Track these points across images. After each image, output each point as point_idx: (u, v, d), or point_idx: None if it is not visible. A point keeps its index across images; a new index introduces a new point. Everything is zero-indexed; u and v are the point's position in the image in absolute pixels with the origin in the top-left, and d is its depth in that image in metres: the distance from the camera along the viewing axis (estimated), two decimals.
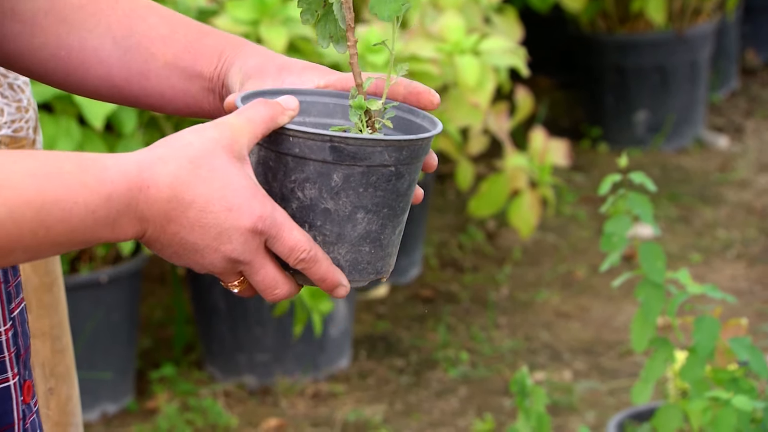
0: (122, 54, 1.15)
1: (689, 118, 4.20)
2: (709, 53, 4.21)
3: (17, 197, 0.94)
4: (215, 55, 1.14)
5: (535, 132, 3.20)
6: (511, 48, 3.00)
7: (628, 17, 4.17)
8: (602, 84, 4.21)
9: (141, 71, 1.15)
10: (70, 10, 1.16)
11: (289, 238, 1.02)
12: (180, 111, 1.16)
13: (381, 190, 1.06)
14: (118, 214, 0.98)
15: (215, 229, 0.99)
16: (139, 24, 1.14)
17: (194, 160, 0.99)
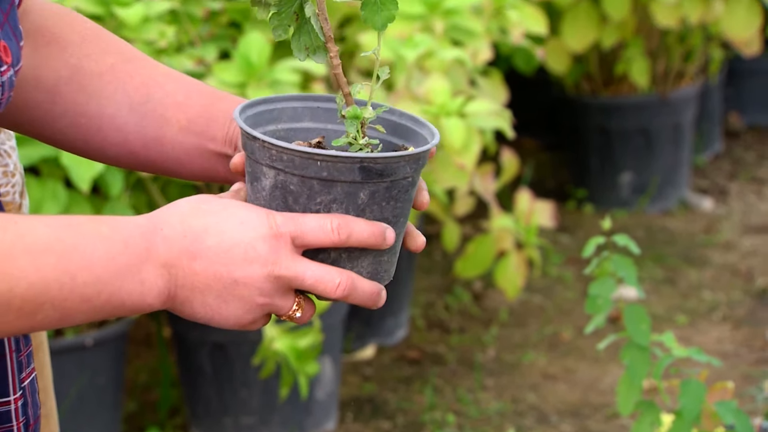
0: (139, 120, 1.16)
1: (674, 180, 4.22)
2: (692, 116, 4.24)
3: (38, 244, 0.94)
4: (227, 118, 1.16)
5: (521, 193, 3.21)
6: (497, 110, 3.02)
7: (612, 80, 4.20)
8: (587, 146, 4.23)
9: (156, 137, 1.16)
10: (89, 78, 1.17)
11: (310, 221, 1.01)
12: (196, 176, 1.18)
13: (400, 201, 1.08)
14: (139, 260, 0.98)
15: (239, 247, 0.99)
16: (156, 91, 1.16)
17: (191, 201, 1.01)
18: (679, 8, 3.90)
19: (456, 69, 3.03)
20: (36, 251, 0.94)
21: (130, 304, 0.98)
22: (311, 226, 1.01)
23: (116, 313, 0.98)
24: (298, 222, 1.01)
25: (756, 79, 4.83)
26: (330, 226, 1.02)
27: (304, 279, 1.01)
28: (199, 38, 2.83)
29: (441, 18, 3.02)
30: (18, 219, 0.95)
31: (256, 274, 1.00)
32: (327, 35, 1.10)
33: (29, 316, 0.94)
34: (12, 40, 1.05)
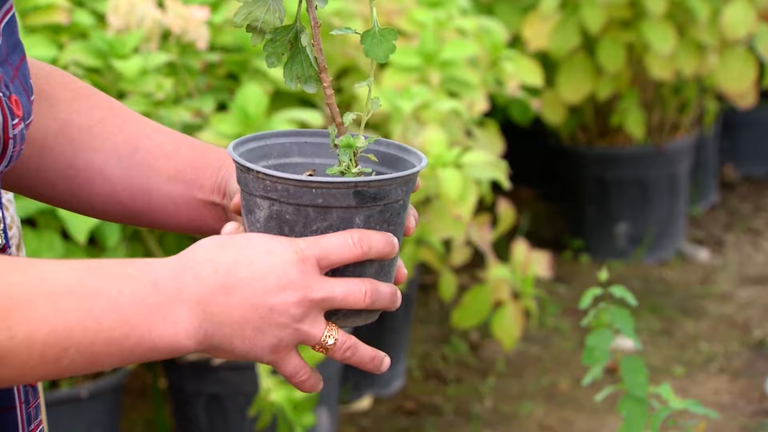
0: (127, 171, 1.17)
1: (670, 231, 4.22)
2: (688, 167, 4.25)
3: (59, 288, 0.93)
4: (215, 168, 1.17)
5: (517, 243, 3.21)
6: (493, 161, 3.03)
7: (608, 131, 4.21)
8: (583, 196, 4.23)
9: (144, 187, 1.17)
10: (78, 131, 1.17)
11: (331, 241, 1.03)
12: (183, 226, 1.18)
13: (393, 224, 1.09)
14: (171, 301, 0.97)
15: (271, 274, 1.00)
16: (144, 142, 1.17)
17: (213, 239, 1.02)
18: (674, 61, 3.93)
19: (452, 120, 3.04)
20: (57, 295, 0.92)
21: (162, 346, 0.97)
22: (333, 244, 1.03)
23: (149, 357, 0.97)
24: (320, 244, 1.03)
25: (751, 131, 4.85)
26: (351, 241, 1.03)
27: (334, 296, 1.02)
28: (197, 90, 2.84)
29: (437, 70, 3.03)
30: (39, 263, 0.94)
31: (291, 299, 1.00)
32: (321, 65, 1.11)
33: (54, 362, 0.93)
34: (23, 94, 1.05)
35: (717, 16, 3.91)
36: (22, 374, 0.92)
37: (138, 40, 2.70)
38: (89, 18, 2.78)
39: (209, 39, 2.82)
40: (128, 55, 2.67)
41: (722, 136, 4.74)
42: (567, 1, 3.89)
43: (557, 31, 3.88)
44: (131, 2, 2.77)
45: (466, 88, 3.07)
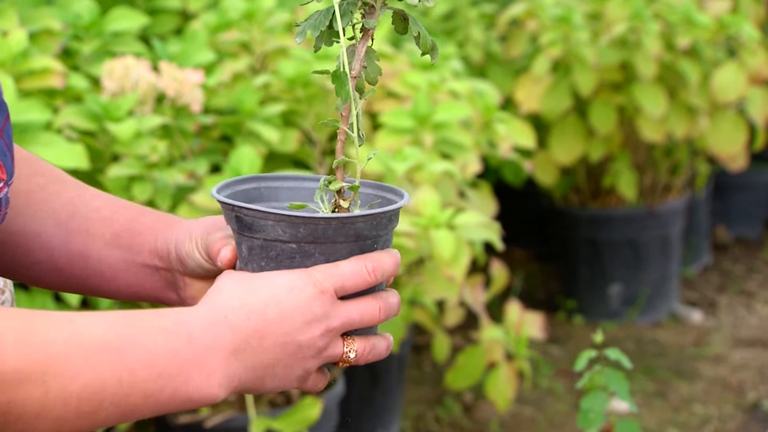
0: (64, 236, 1.17)
1: (663, 292, 4.21)
2: (680, 229, 4.25)
3: (94, 342, 0.94)
4: (152, 231, 1.17)
5: (510, 304, 3.20)
6: (486, 222, 3.02)
7: (600, 192, 4.22)
8: (576, 257, 4.23)
9: (81, 252, 1.16)
10: (17, 197, 1.17)
11: (346, 270, 1.05)
12: (121, 292, 1.17)
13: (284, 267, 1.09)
14: (206, 352, 0.98)
15: (297, 311, 1.02)
16: (82, 207, 1.17)
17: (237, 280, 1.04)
18: (665, 123, 3.95)
19: (445, 181, 3.04)
20: (91, 349, 0.93)
21: (198, 397, 0.97)
22: (349, 274, 1.06)
23: (184, 407, 0.98)
24: (336, 274, 1.05)
25: (742, 193, 4.86)
26: (365, 270, 1.06)
27: (352, 320, 1.06)
28: (191, 152, 2.84)
29: (430, 131, 3.04)
30: (74, 317, 0.95)
31: (316, 333, 1.03)
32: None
33: (90, 415, 0.93)
34: (7, 156, 1.06)
35: (707, 79, 3.94)
36: (59, 428, 0.93)
37: (132, 103, 2.70)
38: (84, 82, 2.79)
39: (203, 102, 2.83)
40: (122, 118, 2.68)
41: (714, 198, 4.75)
42: (558, 64, 3.92)
43: (549, 94, 3.90)
44: (126, 66, 2.78)
45: (459, 149, 3.07)
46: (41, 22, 2.87)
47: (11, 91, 2.61)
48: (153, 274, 1.16)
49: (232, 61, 3.03)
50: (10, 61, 2.70)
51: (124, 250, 1.16)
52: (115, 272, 1.16)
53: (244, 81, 2.98)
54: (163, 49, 2.97)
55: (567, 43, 3.84)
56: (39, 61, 2.73)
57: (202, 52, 2.96)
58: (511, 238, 3.47)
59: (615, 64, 3.90)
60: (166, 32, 3.22)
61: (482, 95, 3.30)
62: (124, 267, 1.16)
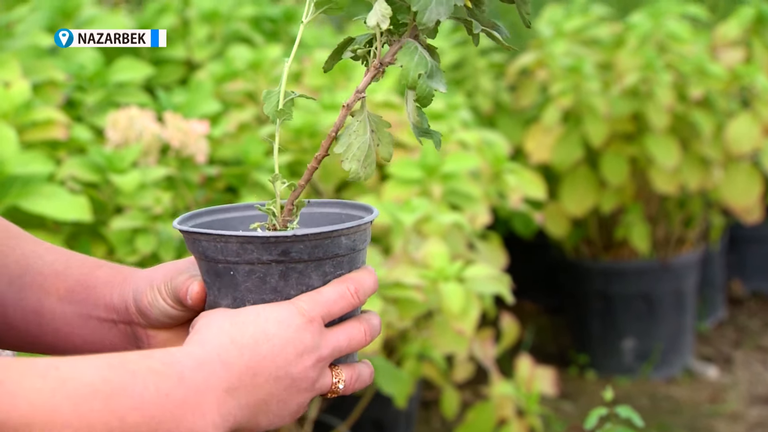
0: (17, 293, 1.15)
1: (677, 347, 4.16)
2: (694, 282, 4.21)
3: (82, 389, 0.91)
4: (107, 286, 1.15)
5: (521, 359, 3.16)
6: (496, 275, 2.99)
7: (613, 244, 4.19)
8: (588, 310, 4.19)
9: (35, 309, 1.14)
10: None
11: (330, 295, 1.05)
12: (78, 348, 1.15)
13: (260, 293, 1.09)
14: (198, 392, 0.95)
15: (288, 344, 1.01)
16: (35, 262, 1.16)
17: (223, 317, 1.02)
18: (678, 175, 3.91)
19: (454, 233, 3.01)
20: (79, 396, 0.91)
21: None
22: (334, 299, 1.06)
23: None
24: (321, 301, 1.05)
25: (758, 246, 4.82)
26: (349, 293, 1.07)
27: (341, 347, 1.06)
28: (195, 203, 2.82)
29: (439, 182, 3.01)
30: (60, 363, 0.92)
31: (308, 363, 1.03)
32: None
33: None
34: None
35: (721, 130, 3.91)
36: None
37: (136, 155, 2.68)
38: (88, 133, 2.78)
39: (208, 152, 2.81)
40: (126, 169, 2.66)
41: (729, 251, 4.71)
42: (569, 114, 3.90)
43: (560, 144, 3.88)
44: (130, 117, 2.76)
45: (468, 200, 3.05)
46: (45, 73, 2.86)
47: (13, 144, 2.59)
48: (111, 329, 1.14)
49: (238, 111, 3.01)
50: (12, 113, 2.69)
51: (79, 305, 1.14)
52: (71, 328, 1.14)
53: (250, 131, 2.96)
54: (167, 100, 2.96)
55: (578, 93, 3.83)
56: (42, 113, 2.72)
57: (208, 103, 2.95)
58: (521, 290, 3.43)
59: (627, 114, 3.89)
60: (171, 82, 3.21)
61: (492, 145, 3.28)
62: (80, 322, 1.14)
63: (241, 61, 3.07)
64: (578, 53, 3.93)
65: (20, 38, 2.87)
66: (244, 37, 3.41)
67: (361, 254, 1.11)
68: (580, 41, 4.03)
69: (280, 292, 1.07)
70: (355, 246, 1.09)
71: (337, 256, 1.08)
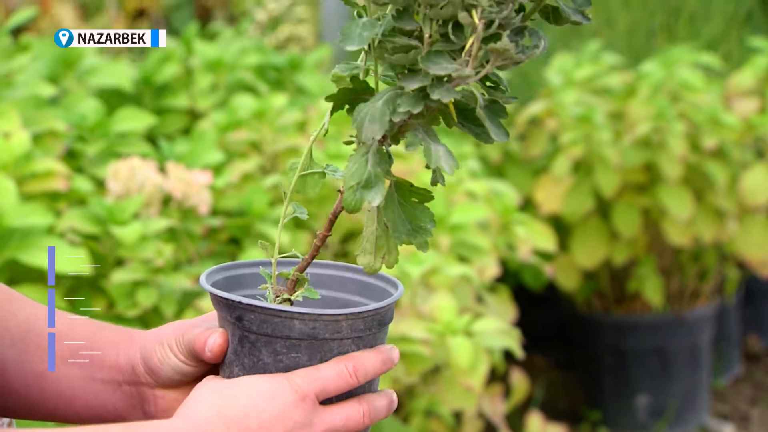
0: (19, 355, 1.13)
1: (692, 404, 4.09)
2: (709, 337, 4.14)
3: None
4: (112, 347, 1.14)
5: (531, 415, 3.11)
6: (505, 328, 2.93)
7: (625, 297, 4.13)
8: (600, 365, 4.12)
9: (38, 372, 1.14)
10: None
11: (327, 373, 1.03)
12: (81, 414, 1.13)
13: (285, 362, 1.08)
14: None
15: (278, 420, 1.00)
16: (37, 324, 1.14)
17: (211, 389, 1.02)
18: (692, 227, 3.86)
19: (462, 285, 2.96)
20: None
21: None
22: (330, 377, 1.04)
23: None
24: (317, 377, 1.04)
25: None
26: (347, 371, 1.05)
27: (336, 426, 1.04)
28: (198, 255, 2.77)
29: (447, 233, 2.97)
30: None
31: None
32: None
33: None
34: None
35: (736, 181, 3.87)
36: None
37: (137, 206, 2.65)
38: (88, 184, 2.75)
39: (211, 203, 2.77)
40: (127, 221, 2.63)
41: (745, 305, 4.64)
42: (580, 164, 3.86)
43: (570, 195, 3.83)
44: (132, 167, 2.73)
45: (476, 252, 3.00)
46: (45, 123, 2.83)
47: (13, 195, 2.55)
48: (115, 391, 1.14)
49: (242, 161, 2.96)
50: (12, 164, 2.66)
51: (83, 367, 1.14)
52: (74, 392, 1.14)
53: (254, 182, 2.92)
54: (170, 150, 2.92)
55: (588, 142, 3.79)
56: (42, 164, 2.69)
57: (211, 152, 2.91)
58: (531, 345, 3.36)
59: (639, 164, 3.84)
60: (173, 132, 3.18)
61: (500, 196, 3.24)
62: (84, 384, 1.14)
63: (245, 110, 3.04)
64: (589, 102, 3.89)
65: (21, 88, 2.84)
66: (249, 85, 3.38)
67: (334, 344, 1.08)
68: (591, 90, 3.99)
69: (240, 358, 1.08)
70: (315, 334, 1.06)
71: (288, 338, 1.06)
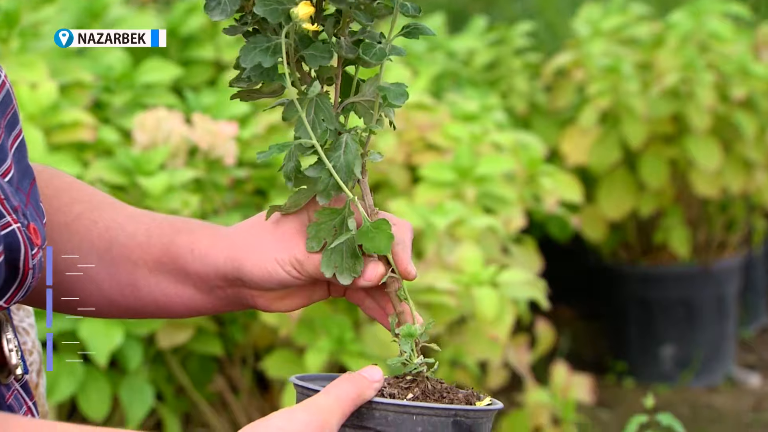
0: (108, 267, 1.15)
1: (719, 354, 4.09)
2: (737, 288, 4.14)
3: None
4: (193, 254, 1.13)
5: (557, 366, 3.13)
6: (531, 279, 2.94)
7: (651, 249, 4.13)
8: (626, 316, 4.13)
9: (130, 282, 1.15)
10: (58, 231, 1.16)
11: None
12: (181, 314, 1.15)
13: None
14: None
15: None
16: (118, 234, 1.15)
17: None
18: (720, 178, 3.85)
19: (488, 237, 2.96)
20: None
21: None
22: None
23: None
24: None
25: None
26: None
27: None
28: (224, 206, 2.78)
29: (472, 185, 2.97)
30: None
31: None
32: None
33: None
34: (38, 220, 1.05)
35: (764, 132, 3.85)
36: None
37: (164, 157, 2.66)
38: (115, 135, 2.76)
39: (237, 154, 2.78)
40: (154, 171, 2.64)
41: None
42: (607, 115, 3.84)
43: (597, 146, 3.82)
44: (158, 118, 2.73)
45: (502, 204, 3.00)
46: (72, 75, 2.84)
47: (40, 145, 2.57)
48: (209, 294, 1.14)
49: (268, 112, 2.96)
50: (39, 115, 2.68)
51: (170, 275, 1.14)
52: (168, 298, 1.14)
53: (279, 133, 2.92)
54: (196, 101, 2.92)
55: (616, 93, 3.77)
56: (69, 114, 2.70)
57: (236, 104, 2.91)
58: (557, 296, 3.37)
59: (666, 115, 3.82)
60: (199, 83, 3.18)
61: (526, 147, 3.23)
62: (175, 291, 1.14)
63: None
64: (616, 53, 3.86)
65: (47, 39, 2.84)
66: None
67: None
68: (618, 41, 3.96)
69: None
70: None
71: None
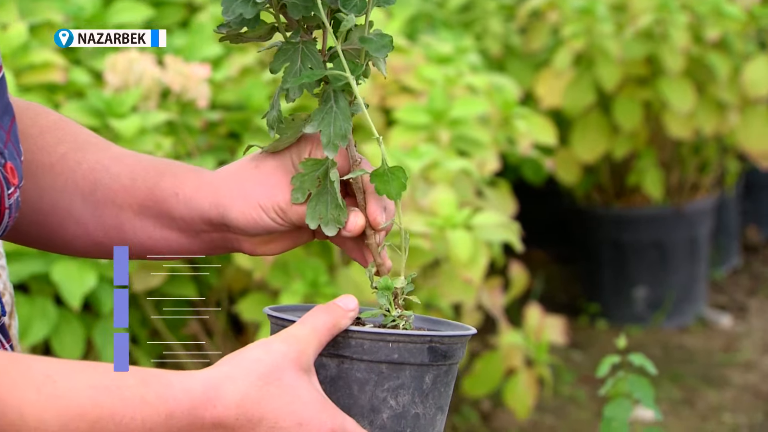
0: (93, 210, 1.14)
1: (690, 296, 4.13)
2: (709, 229, 4.17)
3: (72, 409, 0.92)
4: (176, 198, 1.13)
5: (530, 308, 3.14)
6: (505, 222, 2.94)
7: (625, 191, 4.14)
8: (599, 259, 4.15)
9: (115, 225, 1.15)
10: (42, 172, 1.15)
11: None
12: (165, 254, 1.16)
13: (450, 388, 1.06)
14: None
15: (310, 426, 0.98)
16: (102, 176, 1.14)
17: (263, 377, 0.98)
18: (693, 119, 3.85)
19: (462, 180, 2.96)
20: (68, 416, 0.92)
21: None
22: None
23: None
24: None
25: None
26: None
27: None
28: (197, 149, 2.77)
29: (447, 128, 2.96)
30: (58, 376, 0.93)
31: None
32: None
33: None
34: (16, 159, 1.04)
35: (738, 73, 3.85)
36: None
37: (136, 99, 2.64)
38: (86, 76, 2.74)
39: (210, 97, 2.76)
40: (126, 114, 2.63)
41: (744, 197, 4.66)
42: (581, 58, 3.84)
43: (571, 89, 3.82)
44: (129, 60, 2.71)
45: (476, 146, 3.00)
46: (42, 15, 2.81)
47: (11, 86, 2.54)
48: (195, 237, 1.14)
49: (240, 54, 2.95)
50: (9, 55, 2.66)
51: (155, 219, 1.14)
52: (154, 241, 1.15)
53: (253, 75, 2.90)
54: (168, 43, 2.89)
55: (590, 35, 3.76)
56: (39, 55, 2.68)
57: (209, 46, 2.90)
58: (530, 239, 3.38)
59: (640, 57, 3.82)
60: (171, 25, 3.15)
61: (501, 90, 3.22)
62: (160, 234, 1.14)
63: None
64: None
65: None
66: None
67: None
68: None
69: None
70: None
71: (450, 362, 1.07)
